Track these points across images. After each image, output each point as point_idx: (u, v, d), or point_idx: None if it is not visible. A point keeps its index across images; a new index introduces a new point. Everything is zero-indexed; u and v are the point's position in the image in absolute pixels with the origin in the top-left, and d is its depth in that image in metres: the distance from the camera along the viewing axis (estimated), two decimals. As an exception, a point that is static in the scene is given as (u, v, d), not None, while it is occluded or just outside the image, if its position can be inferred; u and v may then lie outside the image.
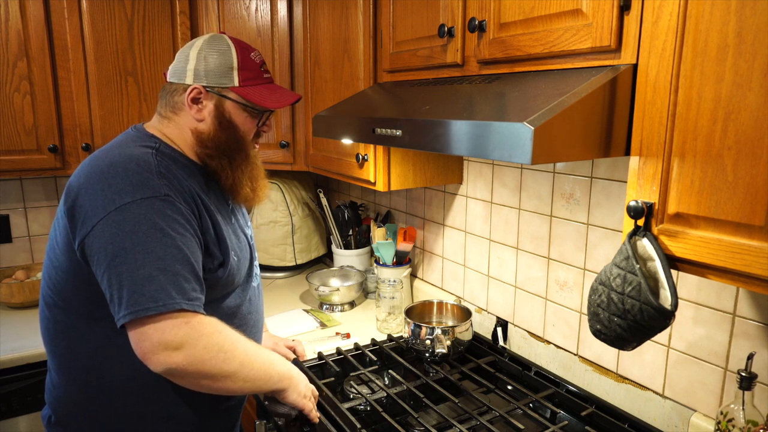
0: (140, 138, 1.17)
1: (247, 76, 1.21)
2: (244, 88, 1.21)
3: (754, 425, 1.02)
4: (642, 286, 0.87)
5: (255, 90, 1.22)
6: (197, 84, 1.19)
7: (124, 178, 1.04)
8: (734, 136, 0.76)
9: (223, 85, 1.20)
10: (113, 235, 1.00)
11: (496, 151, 0.90)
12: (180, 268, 1.02)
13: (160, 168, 1.08)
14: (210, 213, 1.16)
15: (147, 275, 0.99)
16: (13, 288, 2.03)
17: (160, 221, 1.02)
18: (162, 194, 1.04)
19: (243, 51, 1.22)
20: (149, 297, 0.98)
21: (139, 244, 1.00)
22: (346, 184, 2.64)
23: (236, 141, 1.22)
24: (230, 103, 1.21)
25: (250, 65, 1.22)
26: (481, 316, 1.83)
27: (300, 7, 2.03)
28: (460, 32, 1.26)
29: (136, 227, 1.01)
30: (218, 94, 1.20)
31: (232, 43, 1.21)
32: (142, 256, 1.00)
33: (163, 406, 1.16)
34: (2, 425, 1.76)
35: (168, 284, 1.00)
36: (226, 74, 1.20)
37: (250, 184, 1.26)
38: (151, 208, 1.02)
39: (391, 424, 1.30)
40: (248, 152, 1.25)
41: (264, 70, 1.26)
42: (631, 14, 0.90)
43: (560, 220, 1.51)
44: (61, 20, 1.92)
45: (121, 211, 1.01)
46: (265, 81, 1.26)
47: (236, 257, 1.21)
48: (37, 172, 1.98)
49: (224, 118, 1.20)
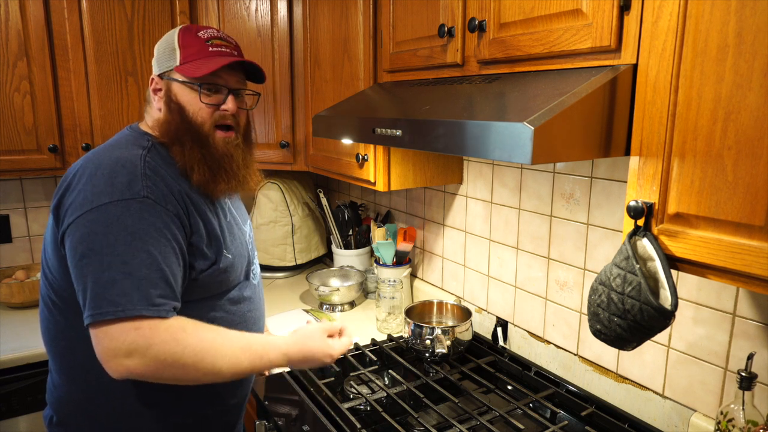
0: (134, 137, 1.17)
1: (188, 53, 1.17)
2: (184, 65, 1.16)
3: (754, 425, 1.02)
4: (642, 286, 0.87)
5: (194, 64, 1.16)
6: (154, 74, 1.20)
7: (107, 179, 1.04)
8: (734, 136, 0.76)
9: (168, 67, 1.18)
10: (84, 235, 1.01)
11: (496, 151, 0.90)
12: (147, 273, 1.00)
13: (146, 170, 1.07)
14: (200, 212, 1.15)
15: (110, 279, 0.98)
16: (13, 288, 2.03)
17: (133, 224, 1.01)
18: (141, 196, 1.03)
19: (187, 31, 1.19)
20: (110, 301, 0.98)
21: (107, 246, 0.99)
22: (346, 184, 2.64)
23: (184, 122, 1.16)
24: (175, 85, 1.17)
25: (191, 42, 1.18)
26: (481, 316, 1.83)
27: (300, 7, 2.03)
28: (460, 32, 1.26)
29: (107, 229, 1.00)
30: (167, 78, 1.18)
31: (179, 28, 1.20)
32: (108, 259, 0.99)
33: (163, 406, 1.16)
34: (2, 425, 1.76)
35: (131, 289, 0.98)
36: (170, 56, 1.18)
37: (207, 171, 1.17)
38: (127, 210, 1.01)
39: (391, 424, 1.30)
40: (200, 133, 1.17)
41: (211, 45, 1.18)
42: (631, 14, 0.90)
43: (560, 220, 1.51)
44: (61, 20, 1.92)
45: (96, 212, 1.01)
46: (209, 54, 1.17)
47: (230, 255, 1.20)
48: (37, 172, 1.98)
49: (171, 100, 1.17)
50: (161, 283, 1.02)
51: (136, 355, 0.98)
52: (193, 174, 1.16)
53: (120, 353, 0.98)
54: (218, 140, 1.19)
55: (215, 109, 1.18)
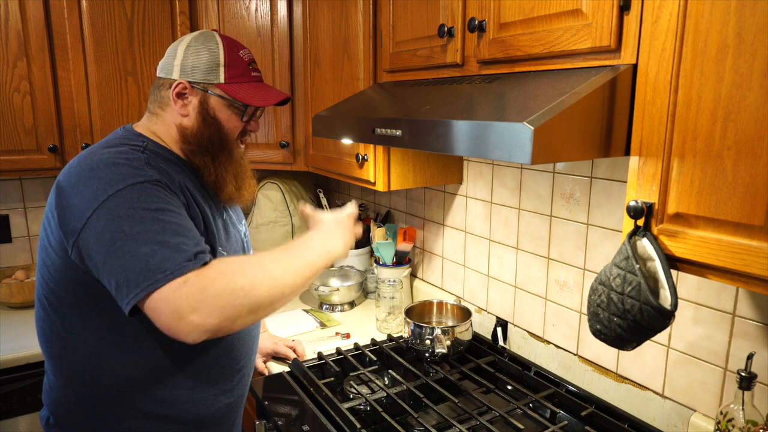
0: (128, 137, 1.17)
1: (234, 74, 1.21)
2: (230, 85, 1.20)
3: (753, 425, 1.02)
4: (642, 286, 0.87)
5: (241, 87, 1.21)
6: (183, 79, 1.19)
7: (113, 170, 1.04)
8: (734, 136, 0.76)
9: (208, 81, 1.19)
10: (108, 222, 1.00)
11: (496, 151, 0.90)
12: (179, 239, 1.00)
13: (149, 160, 1.09)
14: (200, 206, 1.16)
15: (149, 251, 0.97)
16: (12, 288, 2.03)
17: (154, 202, 1.02)
18: (153, 179, 1.05)
19: (231, 48, 1.22)
20: (155, 270, 0.96)
21: (136, 225, 0.99)
22: (346, 184, 2.64)
23: (219, 138, 1.21)
24: (215, 99, 1.20)
25: (237, 63, 1.22)
26: (481, 316, 1.83)
27: (300, 7, 2.03)
28: (460, 32, 1.26)
29: (131, 211, 1.00)
30: (203, 90, 1.19)
31: (221, 40, 1.21)
32: (141, 236, 0.98)
33: (160, 406, 1.16)
34: (2, 425, 1.76)
35: (171, 253, 0.98)
36: (212, 70, 1.19)
37: (234, 183, 1.25)
38: (144, 191, 1.02)
39: (391, 424, 1.30)
40: (232, 150, 1.24)
41: (252, 69, 1.25)
42: (630, 14, 0.90)
43: (560, 220, 1.51)
44: (61, 20, 1.92)
45: (114, 198, 1.00)
46: (252, 79, 1.25)
47: (225, 252, 1.20)
48: (37, 172, 1.98)
49: (208, 114, 1.20)
50: (193, 241, 1.02)
51: (197, 306, 0.95)
52: (226, 187, 1.24)
53: (183, 312, 0.95)
54: (240, 152, 1.28)
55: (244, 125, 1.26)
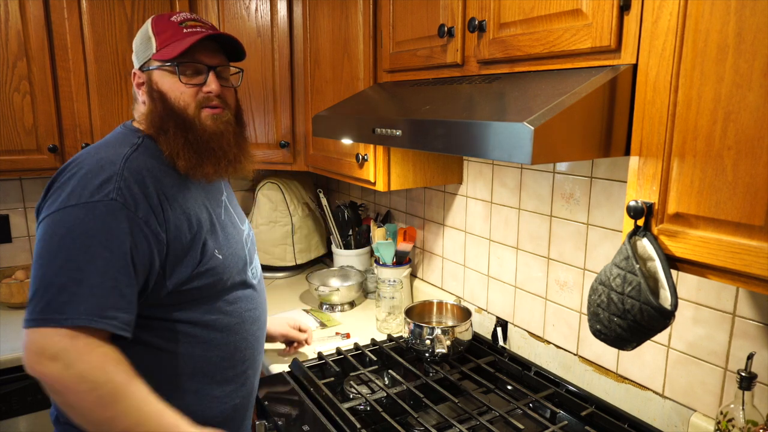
0: (126, 135, 1.17)
1: (164, 38, 1.14)
2: (161, 50, 1.14)
3: (754, 425, 1.02)
4: (642, 286, 0.87)
5: (170, 47, 1.13)
6: (135, 69, 1.19)
7: (82, 180, 1.03)
8: (734, 136, 0.76)
9: (146, 57, 1.16)
10: (45, 235, 1.00)
11: (496, 151, 0.90)
12: (100, 281, 0.97)
13: (124, 171, 1.05)
14: (188, 215, 1.13)
15: (61, 284, 0.96)
16: (12, 288, 2.03)
17: (94, 228, 0.99)
18: (108, 199, 1.01)
19: (160, 18, 1.17)
20: (55, 308, 0.95)
21: (64, 250, 0.97)
22: (346, 184, 2.64)
23: (167, 109, 1.14)
24: (155, 73, 1.15)
25: (166, 27, 1.15)
26: (481, 316, 1.83)
27: (300, 7, 2.03)
28: (460, 32, 1.26)
29: (68, 232, 0.98)
30: (147, 69, 1.17)
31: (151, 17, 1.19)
32: (62, 263, 0.97)
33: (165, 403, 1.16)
34: (2, 425, 1.76)
35: (80, 298, 0.96)
36: (147, 46, 1.16)
37: (194, 156, 1.14)
38: (91, 213, 0.99)
39: (391, 424, 1.30)
40: (184, 118, 1.14)
41: (185, 26, 1.15)
42: (630, 14, 0.90)
43: (560, 220, 1.51)
44: (61, 20, 1.92)
45: (62, 213, 1.00)
46: (185, 35, 1.13)
47: (221, 255, 1.18)
48: (37, 172, 1.98)
49: (153, 89, 1.15)
50: (113, 294, 0.98)
51: (60, 363, 0.94)
52: (179, 161, 1.13)
53: (46, 355, 0.94)
54: (205, 118, 1.16)
55: (198, 90, 1.15)
